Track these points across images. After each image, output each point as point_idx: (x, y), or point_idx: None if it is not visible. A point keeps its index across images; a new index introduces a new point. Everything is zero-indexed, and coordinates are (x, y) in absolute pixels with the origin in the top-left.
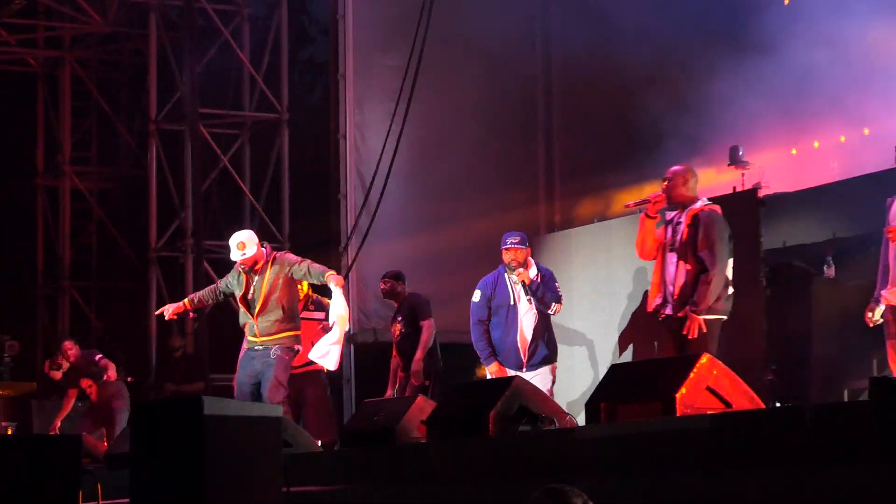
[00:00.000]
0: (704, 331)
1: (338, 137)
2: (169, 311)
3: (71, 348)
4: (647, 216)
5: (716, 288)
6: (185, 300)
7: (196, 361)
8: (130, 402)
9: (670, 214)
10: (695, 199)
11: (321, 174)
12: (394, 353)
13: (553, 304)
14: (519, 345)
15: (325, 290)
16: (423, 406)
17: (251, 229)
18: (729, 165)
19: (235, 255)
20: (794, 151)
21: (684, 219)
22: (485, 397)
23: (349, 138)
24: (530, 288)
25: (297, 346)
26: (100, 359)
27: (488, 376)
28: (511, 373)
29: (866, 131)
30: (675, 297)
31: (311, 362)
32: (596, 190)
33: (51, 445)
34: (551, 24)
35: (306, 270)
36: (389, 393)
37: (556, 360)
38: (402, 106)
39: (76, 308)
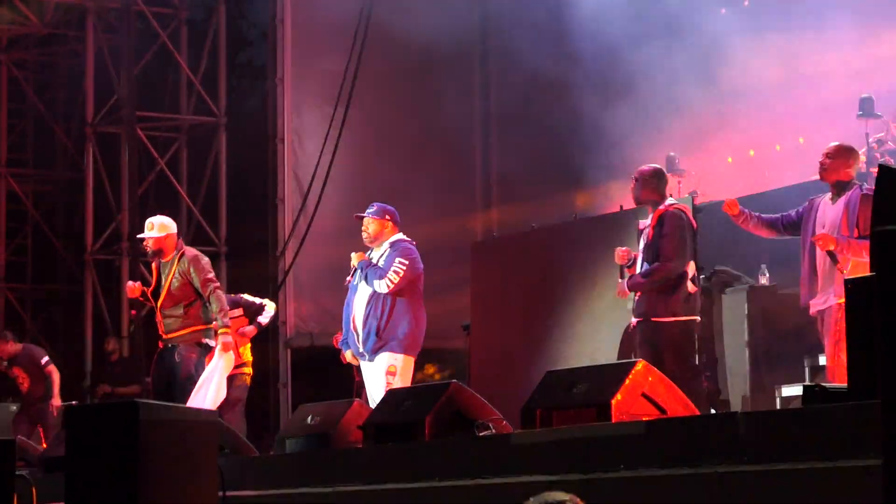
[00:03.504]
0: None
1: (275, 142)
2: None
3: (6, 343)
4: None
5: (669, 279)
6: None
7: (132, 364)
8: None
9: (643, 223)
10: (661, 200)
11: (259, 178)
12: None
13: (374, 280)
14: (352, 329)
15: (241, 288)
16: (359, 410)
17: (177, 226)
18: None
19: (142, 234)
20: (729, 160)
21: (650, 220)
22: (421, 402)
23: (287, 142)
24: (361, 265)
25: (205, 340)
26: (46, 363)
27: None
28: (351, 358)
29: (801, 140)
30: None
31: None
32: (534, 195)
33: None
34: (489, 27)
35: (200, 282)
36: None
37: (397, 352)
38: (341, 110)
39: (11, 310)
